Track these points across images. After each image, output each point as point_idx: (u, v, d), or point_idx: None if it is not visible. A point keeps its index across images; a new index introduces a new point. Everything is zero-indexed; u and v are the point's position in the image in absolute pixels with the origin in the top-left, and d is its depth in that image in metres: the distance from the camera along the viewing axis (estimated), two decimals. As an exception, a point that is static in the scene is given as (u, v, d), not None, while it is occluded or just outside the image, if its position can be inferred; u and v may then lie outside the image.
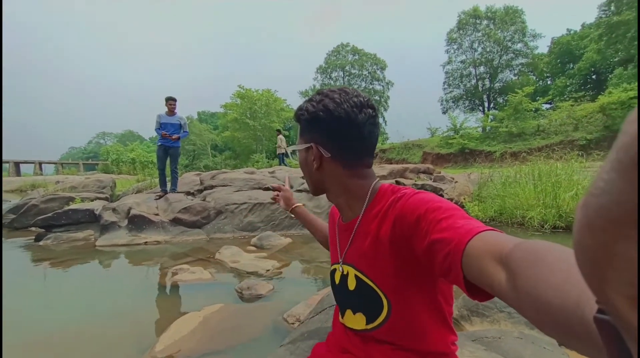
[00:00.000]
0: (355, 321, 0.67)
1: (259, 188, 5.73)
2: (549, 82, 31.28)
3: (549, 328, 0.27)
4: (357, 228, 0.66)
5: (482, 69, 32.63)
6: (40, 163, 41.97)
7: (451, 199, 6.28)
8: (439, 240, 0.45)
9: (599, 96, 16.83)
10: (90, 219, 4.87)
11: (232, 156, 31.08)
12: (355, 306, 0.67)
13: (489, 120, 22.32)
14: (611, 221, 0.13)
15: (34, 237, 4.64)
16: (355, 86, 44.03)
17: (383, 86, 45.48)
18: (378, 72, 44.93)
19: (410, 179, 7.18)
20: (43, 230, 4.72)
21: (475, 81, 33.22)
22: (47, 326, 2.09)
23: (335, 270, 0.73)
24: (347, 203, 0.68)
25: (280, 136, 11.97)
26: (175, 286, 2.79)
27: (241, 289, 2.56)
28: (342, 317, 0.72)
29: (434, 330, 0.62)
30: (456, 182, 6.89)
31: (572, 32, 30.61)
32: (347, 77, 45.11)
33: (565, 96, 23.77)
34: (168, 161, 5.55)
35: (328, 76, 45.60)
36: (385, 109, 46.20)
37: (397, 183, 6.58)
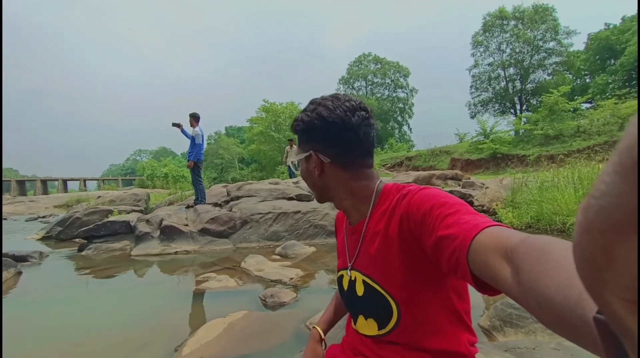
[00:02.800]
0: (368, 327, 0.66)
1: (283, 198, 5.81)
2: (587, 81, 29.32)
3: (551, 323, 0.27)
4: (366, 229, 0.65)
5: (511, 70, 31.29)
6: (84, 180, 45.68)
7: (482, 206, 5.99)
8: (445, 236, 0.45)
9: (646, 92, 15.47)
10: (126, 230, 5.17)
11: (259, 168, 31.84)
12: (366, 312, 0.66)
13: (522, 123, 21.20)
14: (611, 223, 0.13)
15: (77, 248, 5.00)
16: (379, 95, 43.96)
17: (407, 93, 44.97)
18: (401, 79, 44.57)
19: (438, 186, 6.96)
20: (85, 241, 5.07)
21: (504, 83, 31.88)
22: (87, 329, 2.23)
23: (342, 276, 0.72)
24: (353, 206, 0.68)
25: (288, 148, 10.63)
26: (202, 294, 2.87)
27: (265, 297, 2.58)
28: (355, 324, 0.71)
29: (449, 329, 0.60)
30: (487, 188, 6.57)
31: (611, 26, 28.69)
32: (369, 87, 45.14)
33: (607, 94, 22.11)
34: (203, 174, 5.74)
35: (350, 86, 45.86)
36: (410, 117, 45.51)
37: (424, 190, 6.40)
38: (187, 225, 5.01)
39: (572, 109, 18.64)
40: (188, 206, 5.60)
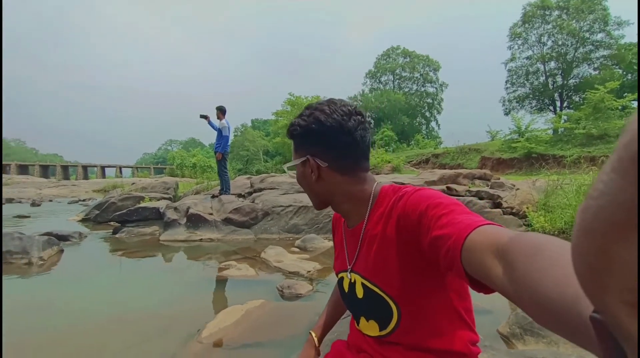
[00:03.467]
0: (370, 328, 0.67)
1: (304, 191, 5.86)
2: None
3: (547, 321, 0.26)
4: (364, 232, 0.66)
5: (552, 64, 29.21)
6: (120, 167, 48.59)
7: (511, 208, 5.71)
8: (440, 236, 0.46)
9: None
10: (156, 216, 5.46)
11: (283, 161, 32.26)
12: (367, 313, 0.67)
13: (562, 121, 19.83)
14: (610, 223, 0.13)
15: (112, 230, 5.36)
16: (406, 89, 42.79)
17: (436, 88, 43.41)
18: (431, 73, 43.06)
19: (464, 185, 6.71)
20: (119, 224, 5.42)
21: (544, 78, 29.86)
22: (116, 308, 2.40)
23: (343, 278, 0.73)
24: (352, 209, 0.68)
25: None
26: (223, 281, 2.99)
27: (282, 288, 2.64)
28: (358, 324, 0.72)
29: (450, 328, 0.60)
30: (517, 189, 6.24)
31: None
32: (397, 81, 44.02)
33: (662, 91, 20.12)
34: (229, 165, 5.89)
35: (377, 80, 44.99)
36: (439, 112, 43.99)
37: (448, 189, 6.19)
38: (211, 214, 5.21)
39: (620, 107, 17.14)
40: (213, 196, 5.81)
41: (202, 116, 5.84)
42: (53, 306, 2.41)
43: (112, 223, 5.85)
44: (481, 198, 5.79)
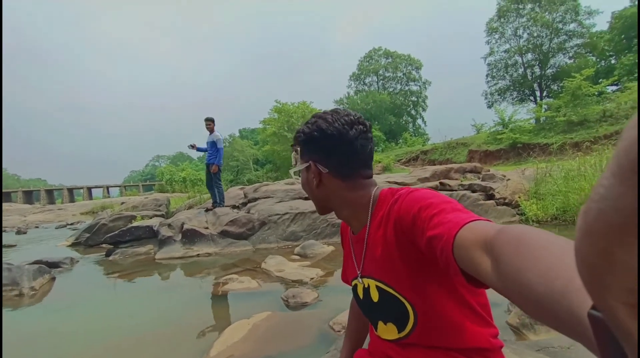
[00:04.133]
0: (388, 332, 0.67)
1: (300, 198, 5.83)
2: (612, 62, 27.77)
3: (536, 315, 0.27)
4: (368, 237, 0.67)
5: (529, 56, 30.02)
6: (107, 187, 47.49)
7: (504, 199, 5.80)
8: (433, 236, 0.47)
9: (679, 70, 14.48)
10: (149, 235, 5.33)
11: (273, 169, 32.13)
12: (384, 317, 0.67)
13: (543, 110, 20.35)
14: (611, 227, 0.13)
15: (104, 253, 5.20)
16: (390, 89, 43.31)
17: (420, 86, 44.11)
18: (413, 72, 43.77)
19: (456, 179, 6.79)
20: (112, 246, 5.27)
21: (522, 69, 30.66)
22: (117, 332, 2.31)
23: (356, 285, 0.74)
24: (353, 215, 0.70)
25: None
26: (225, 296, 2.92)
27: (287, 297, 2.60)
28: (377, 330, 0.72)
29: (467, 324, 0.60)
30: (508, 180, 6.35)
31: (637, 2, 27.06)
32: (381, 81, 44.56)
33: (634, 75, 20.92)
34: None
35: (362, 82, 45.43)
36: (424, 109, 44.64)
37: (442, 184, 6.26)
38: (207, 228, 5.12)
39: (596, 93, 17.71)
40: (207, 210, 5.72)
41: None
42: (46, 337, 2.30)
43: (104, 245, 5.68)
44: (474, 191, 5.87)
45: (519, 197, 5.73)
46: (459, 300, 0.59)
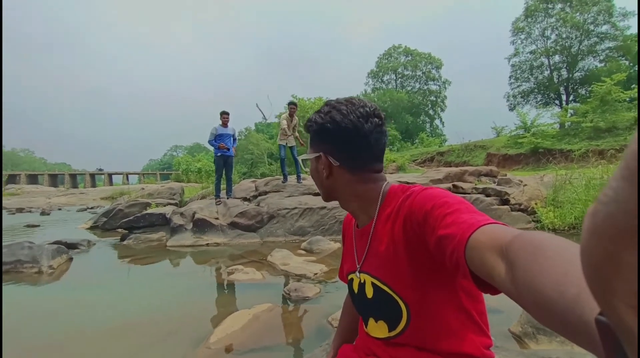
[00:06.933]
0: (378, 329, 0.66)
1: (309, 194, 5.85)
2: (647, 67, 26.34)
3: (548, 321, 0.26)
4: (373, 231, 0.66)
5: (557, 58, 28.81)
6: (127, 174, 49.12)
7: (519, 205, 5.62)
8: (445, 235, 0.45)
9: None
10: (162, 222, 5.49)
11: (287, 164, 32.33)
12: (376, 314, 0.67)
13: (568, 115, 19.52)
14: (619, 230, 0.13)
15: (119, 237, 5.40)
16: (409, 88, 42.58)
17: (439, 86, 43.14)
18: (433, 71, 42.83)
19: (470, 182, 6.63)
20: (127, 231, 5.47)
21: (548, 72, 29.47)
22: (124, 314, 2.41)
23: (352, 279, 0.73)
24: (360, 208, 0.69)
25: (285, 115, 6.27)
26: (230, 285, 2.99)
27: (289, 291, 2.63)
28: (366, 327, 0.71)
29: (460, 330, 0.59)
30: (525, 185, 6.15)
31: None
32: (399, 80, 43.86)
33: (670, 81, 19.74)
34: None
35: (379, 80, 44.85)
36: (443, 110, 43.68)
37: (454, 187, 6.13)
38: (217, 218, 5.22)
39: (627, 99, 16.83)
40: (219, 202, 5.83)
41: (224, 148, 5.65)
42: (61, 313, 2.43)
43: (119, 230, 5.91)
44: (488, 195, 5.72)
45: (536, 204, 5.55)
46: (456, 304, 0.58)
